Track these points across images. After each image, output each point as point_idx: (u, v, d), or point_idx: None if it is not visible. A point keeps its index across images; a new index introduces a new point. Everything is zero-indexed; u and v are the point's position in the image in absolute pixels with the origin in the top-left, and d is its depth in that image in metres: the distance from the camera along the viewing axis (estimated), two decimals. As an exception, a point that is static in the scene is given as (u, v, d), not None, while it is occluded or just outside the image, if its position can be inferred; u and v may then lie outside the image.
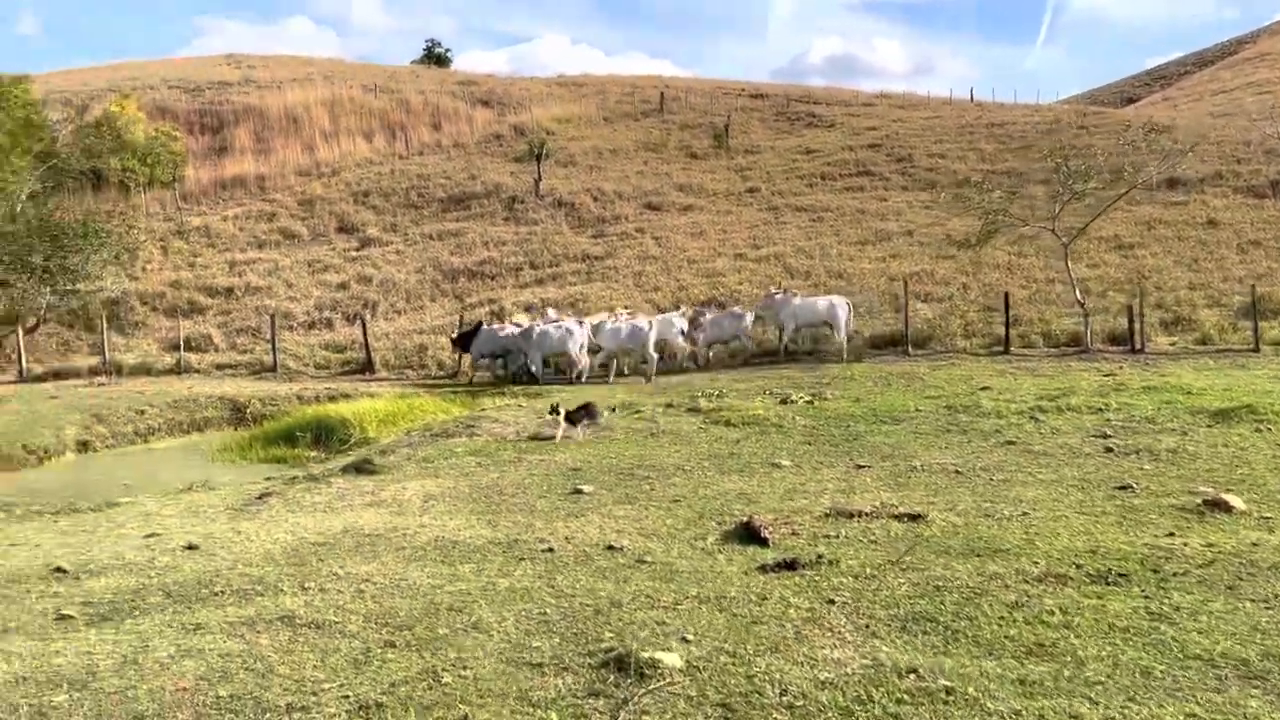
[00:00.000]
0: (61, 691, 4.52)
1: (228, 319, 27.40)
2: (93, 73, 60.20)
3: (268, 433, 14.83)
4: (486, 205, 36.49)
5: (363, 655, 4.85)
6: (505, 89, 59.07)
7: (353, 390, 18.71)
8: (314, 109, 48.20)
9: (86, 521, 8.80)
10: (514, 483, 9.20)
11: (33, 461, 13.86)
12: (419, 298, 28.06)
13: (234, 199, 38.84)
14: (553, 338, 19.08)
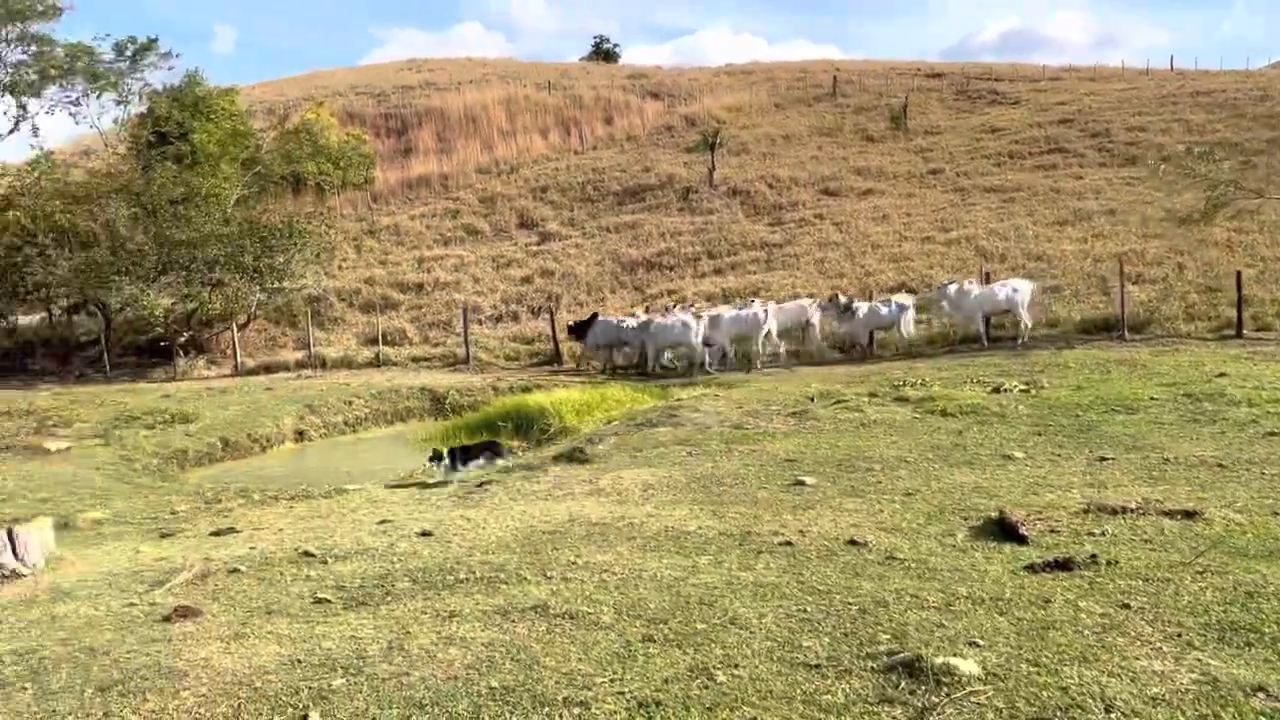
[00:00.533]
0: (337, 675, 4.55)
1: (419, 313, 28.39)
2: (288, 83, 63.92)
3: (469, 422, 15.16)
4: (661, 196, 36.56)
5: (624, 649, 4.69)
6: (674, 80, 59.17)
7: (545, 381, 19.00)
8: (491, 108, 49.57)
9: (320, 507, 9.11)
10: (730, 473, 8.97)
11: (257, 450, 14.63)
12: (599, 290, 28.31)
13: (420, 198, 40.36)
14: (670, 330, 19.27)
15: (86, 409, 16.04)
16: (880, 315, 19.35)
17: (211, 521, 8.81)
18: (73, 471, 11.82)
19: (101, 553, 7.46)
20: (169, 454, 13.20)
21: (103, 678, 4.71)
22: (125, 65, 36.64)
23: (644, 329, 19.71)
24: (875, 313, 19.34)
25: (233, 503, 9.87)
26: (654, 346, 19.55)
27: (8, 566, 6.70)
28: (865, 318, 19.30)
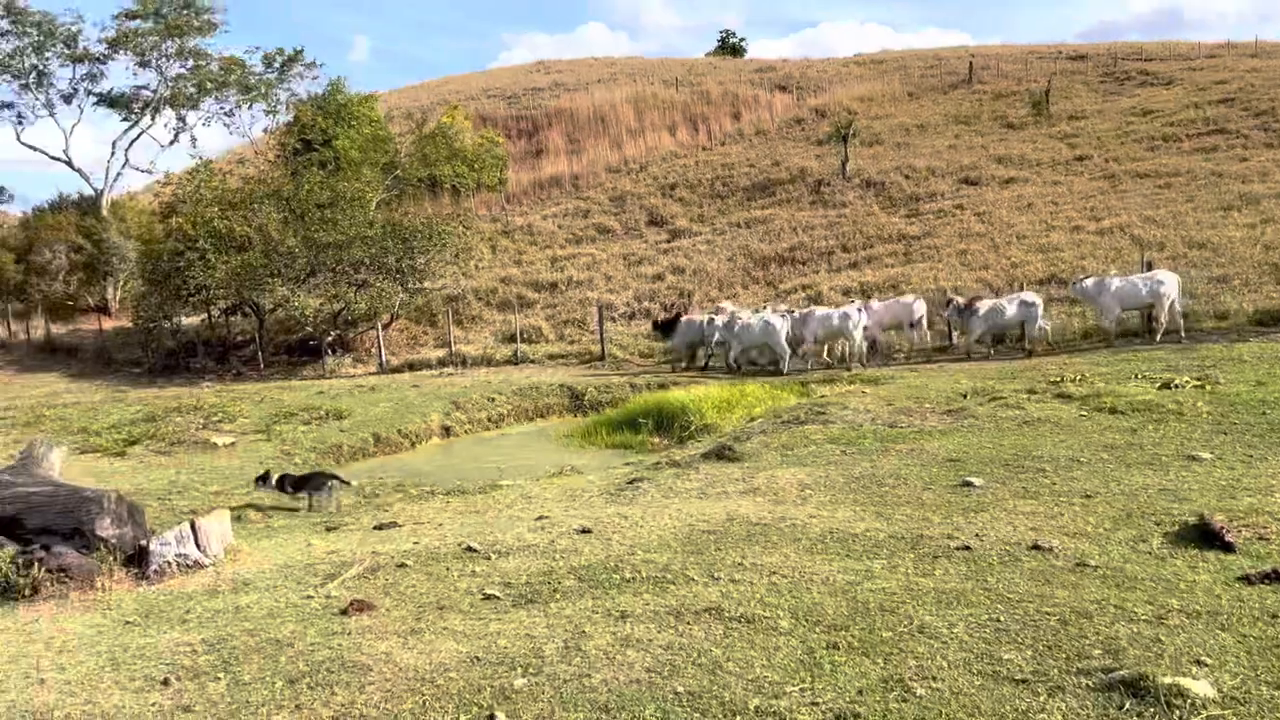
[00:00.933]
0: (517, 675, 4.51)
1: (554, 311, 28.70)
2: (422, 89, 65.80)
3: (610, 419, 15.16)
4: (792, 190, 36.04)
5: (807, 656, 4.51)
6: (802, 72, 58.30)
7: (681, 378, 18.90)
8: (620, 107, 49.81)
9: (476, 503, 9.21)
10: (889, 473, 8.65)
11: (406, 445, 14.98)
12: (731, 285, 28.06)
13: (551, 198, 40.87)
14: (754, 329, 19.08)
15: (247, 405, 16.75)
16: (1003, 315, 18.20)
17: (373, 516, 9.00)
18: (239, 465, 12.33)
19: (274, 545, 7.69)
20: (325, 449, 13.64)
21: (290, 670, 4.80)
22: (274, 76, 38.33)
23: (729, 328, 19.62)
24: (998, 312, 18.20)
25: (391, 497, 10.09)
26: (739, 345, 19.43)
27: (191, 557, 6.97)
28: (985, 316, 18.25)
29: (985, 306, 18.37)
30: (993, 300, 18.76)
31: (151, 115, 35.19)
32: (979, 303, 18.57)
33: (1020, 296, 18.56)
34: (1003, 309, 18.22)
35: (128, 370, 28.20)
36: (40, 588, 6.54)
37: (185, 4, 33.47)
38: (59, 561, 6.68)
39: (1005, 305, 18.29)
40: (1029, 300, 18.23)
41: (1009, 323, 18.40)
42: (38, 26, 32.62)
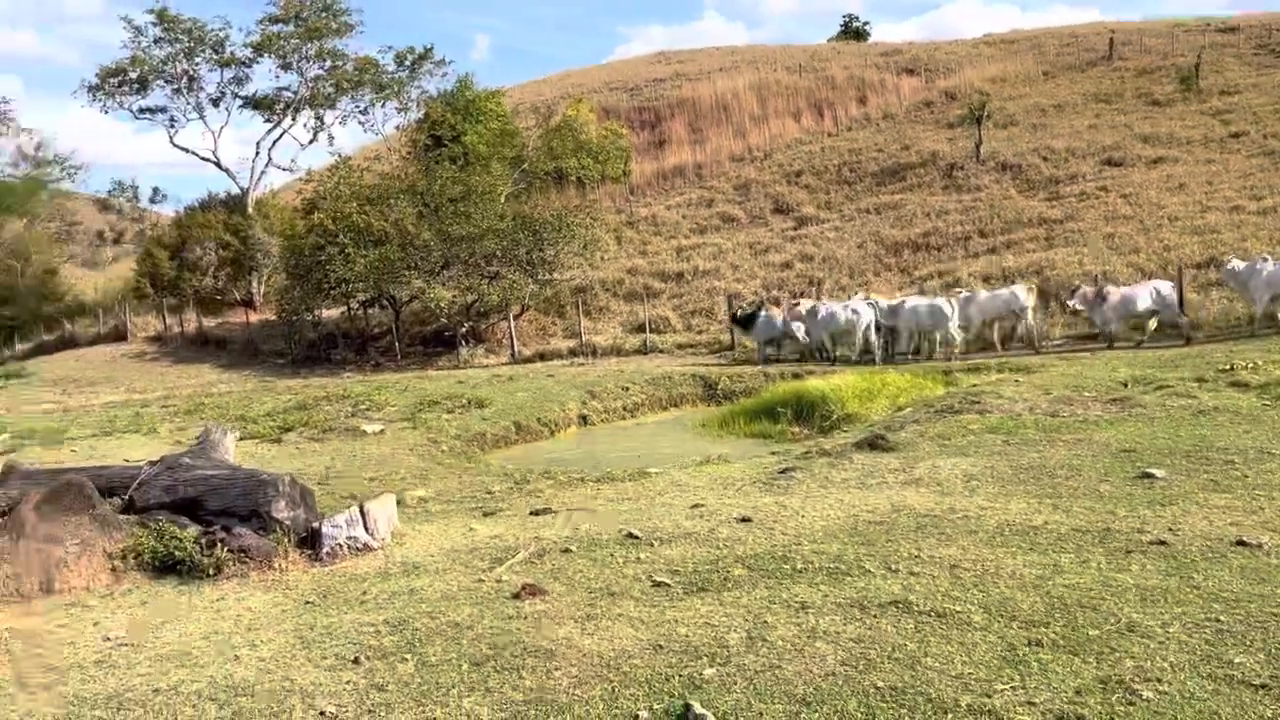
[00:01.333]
0: (704, 664, 4.42)
1: (681, 301, 28.63)
2: (545, 83, 66.52)
3: (747, 408, 14.99)
4: (923, 175, 35.05)
5: (1009, 653, 4.27)
6: (930, 55, 56.65)
7: (814, 367, 18.57)
8: (742, 95, 49.36)
9: (627, 490, 9.18)
10: (1060, 464, 8.24)
11: (546, 433, 15.13)
12: (862, 273, 27.46)
13: (675, 188, 40.81)
14: (839, 319, 18.86)
15: (391, 394, 17.20)
16: (1134, 305, 17.27)
17: (527, 502, 9.07)
18: (389, 452, 12.65)
19: (436, 529, 7.81)
20: (469, 436, 13.88)
21: (473, 652, 4.82)
22: (405, 75, 39.30)
23: (812, 317, 19.53)
24: (1129, 301, 17.27)
25: (540, 484, 10.17)
26: (826, 334, 19.33)
27: (360, 540, 7.13)
28: (1118, 306, 17.35)
29: (1116, 296, 17.47)
30: (1124, 289, 17.81)
31: (292, 116, 36.62)
32: (1109, 291, 17.68)
33: (1154, 285, 17.67)
34: (1134, 298, 17.32)
35: (273, 361, 29.43)
36: (223, 567, 6.79)
37: (324, 7, 34.69)
38: (239, 542, 6.93)
39: (1137, 294, 17.38)
40: (1163, 290, 17.35)
41: (1141, 313, 17.47)
42: (188, 33, 34.30)
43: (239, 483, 7.39)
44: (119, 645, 5.44)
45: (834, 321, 19.05)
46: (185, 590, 6.62)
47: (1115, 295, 17.52)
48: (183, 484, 7.59)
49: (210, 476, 7.53)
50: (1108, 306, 17.45)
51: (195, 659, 5.08)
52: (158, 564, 7.06)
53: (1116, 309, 17.42)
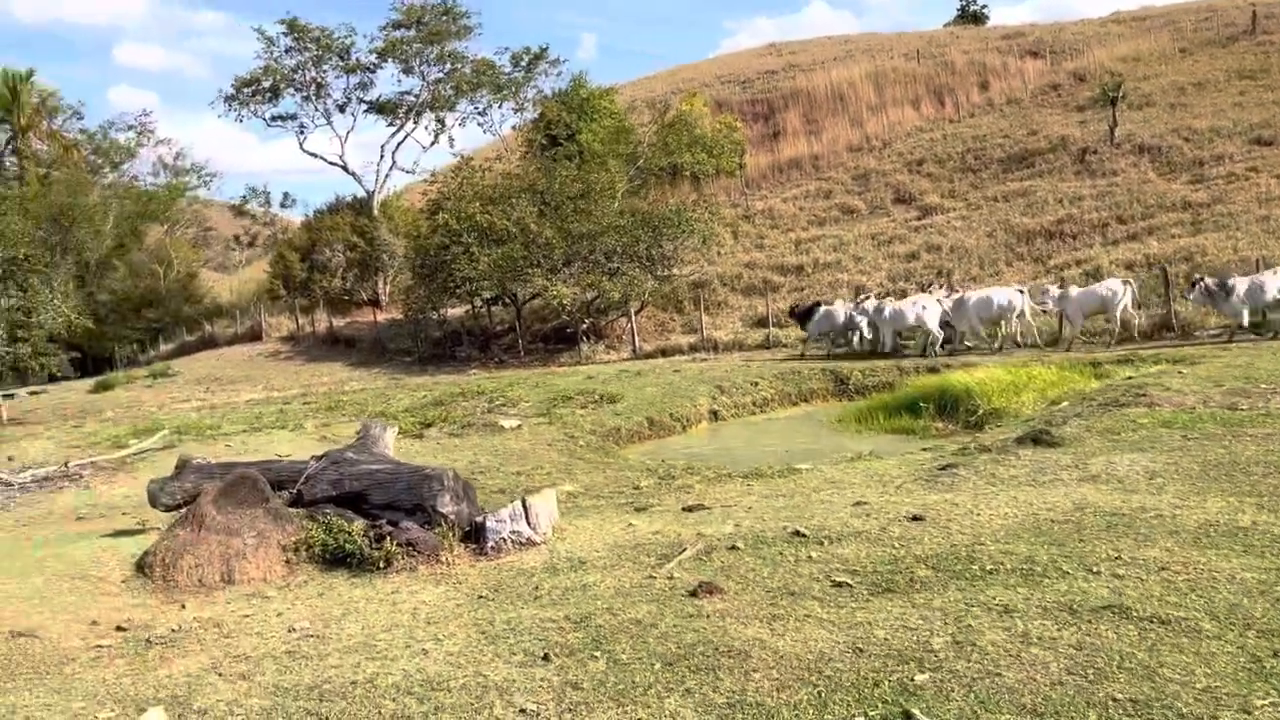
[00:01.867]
0: (913, 669, 4.20)
1: (802, 295, 28.14)
2: (655, 79, 66.51)
3: (885, 403, 14.57)
4: (1053, 160, 33.74)
5: (1255, 664, 3.93)
6: (1054, 36, 54.61)
7: (949, 360, 17.99)
8: (858, 84, 48.40)
9: (778, 486, 8.98)
10: (1253, 460, 7.69)
11: (678, 429, 15.02)
12: (993, 263, 26.57)
13: (790, 180, 40.28)
14: (907, 315, 19.07)
15: (522, 390, 17.36)
16: (1263, 294, 16.12)
17: (676, 497, 8.96)
18: (529, 447, 12.72)
19: (593, 524, 7.75)
20: (604, 431, 13.86)
21: (663, 651, 4.71)
22: (521, 75, 39.77)
23: (879, 312, 19.77)
24: (1257, 290, 16.12)
25: (687, 479, 10.04)
26: (890, 329, 19.48)
27: (524, 534, 7.12)
28: (1245, 297, 16.20)
29: (1243, 285, 16.26)
30: (1250, 278, 16.56)
31: (414, 119, 37.48)
32: (1234, 281, 16.45)
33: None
34: (1262, 286, 16.13)
35: (400, 359, 30.15)
36: (392, 560, 6.86)
37: (445, 10, 35.39)
38: (406, 536, 6.99)
39: (1266, 282, 16.18)
40: None
41: (1271, 302, 16.34)
42: (316, 41, 35.45)
43: (403, 477, 7.47)
44: (305, 636, 5.52)
45: (901, 317, 19.21)
46: (357, 583, 6.71)
47: (1242, 284, 16.37)
48: (348, 478, 7.72)
49: (375, 471, 7.64)
50: (1236, 298, 16.30)
51: (383, 651, 5.10)
52: (328, 556, 7.20)
53: (1246, 298, 16.27)
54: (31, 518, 10.46)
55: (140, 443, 14.32)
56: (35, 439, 16.95)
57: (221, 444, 14.09)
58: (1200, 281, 16.96)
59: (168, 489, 8.32)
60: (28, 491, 11.92)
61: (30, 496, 11.59)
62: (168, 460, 13.33)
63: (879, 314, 19.76)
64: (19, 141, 43.13)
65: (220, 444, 14.13)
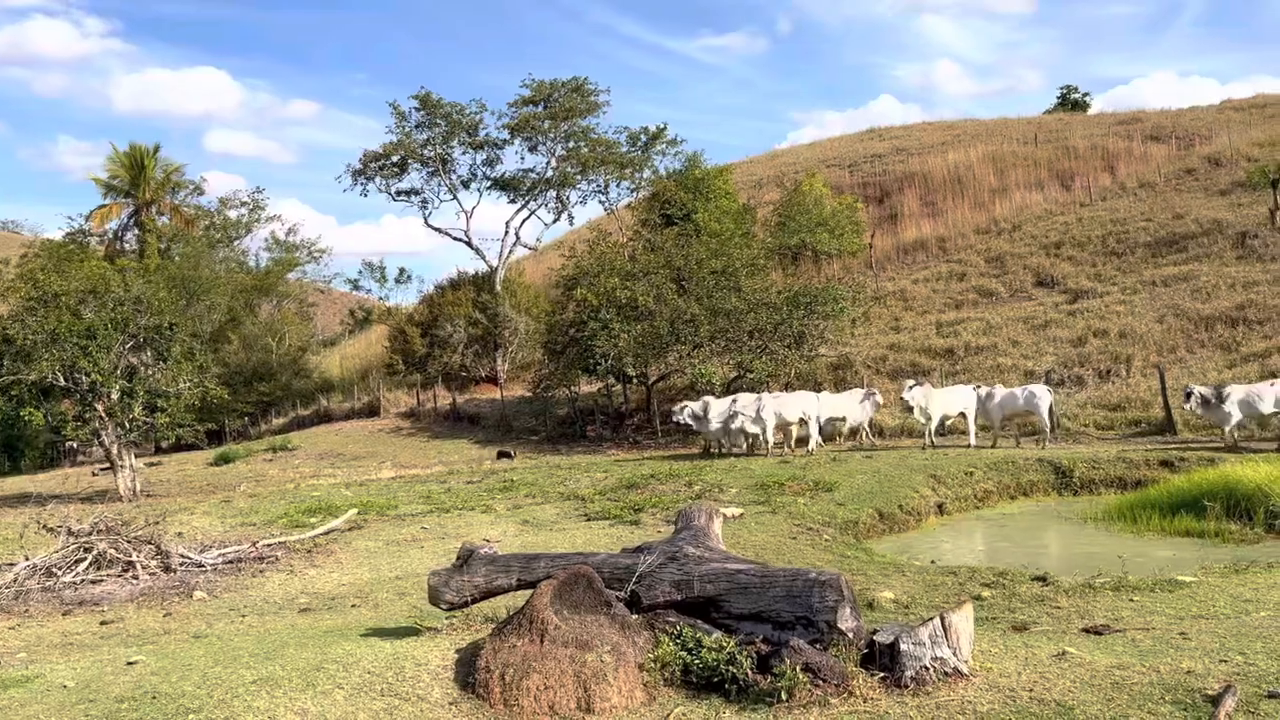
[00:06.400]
0: None
1: (955, 380, 26.51)
2: (755, 164, 66.09)
3: (1156, 500, 12.82)
4: (1208, 245, 32.03)
5: None
6: (1172, 122, 53.35)
7: (1175, 453, 16.23)
8: (976, 167, 47.35)
9: (1171, 602, 7.37)
10: None
11: (911, 523, 13.44)
12: (1174, 349, 24.72)
13: (917, 262, 38.96)
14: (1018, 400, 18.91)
15: (715, 474, 15.94)
16: (1255, 406, 16.30)
17: (1051, 615, 7.39)
18: (771, 540, 11.23)
19: (1000, 650, 6.22)
20: (839, 524, 12.32)
21: None
22: (639, 154, 39.30)
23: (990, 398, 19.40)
24: (1251, 403, 16.31)
25: (1019, 587, 8.45)
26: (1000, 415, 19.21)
27: (948, 662, 5.62)
28: (1240, 408, 16.38)
29: (1238, 394, 16.40)
30: (1247, 387, 16.77)
31: (537, 195, 37.05)
32: (1230, 390, 16.58)
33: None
34: (1257, 398, 16.26)
35: (527, 437, 29.04)
36: (795, 691, 5.41)
37: (575, 88, 35.16)
38: (804, 659, 5.55)
39: (1262, 393, 16.35)
40: None
41: (1266, 414, 16.46)
42: (446, 117, 35.37)
43: (779, 582, 6.04)
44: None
45: (1013, 401, 18.94)
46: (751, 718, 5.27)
47: (1236, 396, 16.40)
48: (697, 580, 6.31)
49: (736, 572, 6.23)
50: (1222, 411, 16.46)
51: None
52: (694, 680, 5.78)
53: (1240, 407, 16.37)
54: (247, 606, 9.25)
55: (323, 522, 13.15)
56: (191, 514, 15.91)
57: (414, 526, 12.85)
58: (1193, 391, 17.03)
59: (454, 584, 7.00)
60: (221, 574, 10.75)
61: (229, 580, 10.41)
62: (363, 542, 12.14)
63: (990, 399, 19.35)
64: (143, 215, 43.75)
65: (412, 525, 12.89)
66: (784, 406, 19.80)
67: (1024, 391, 18.96)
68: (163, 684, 5.90)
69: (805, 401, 20.26)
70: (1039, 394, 18.58)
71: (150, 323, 21.95)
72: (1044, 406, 18.41)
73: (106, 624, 8.56)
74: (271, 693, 5.67)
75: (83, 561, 10.25)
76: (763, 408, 19.38)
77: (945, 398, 19.40)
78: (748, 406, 19.51)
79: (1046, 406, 18.43)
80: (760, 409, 19.35)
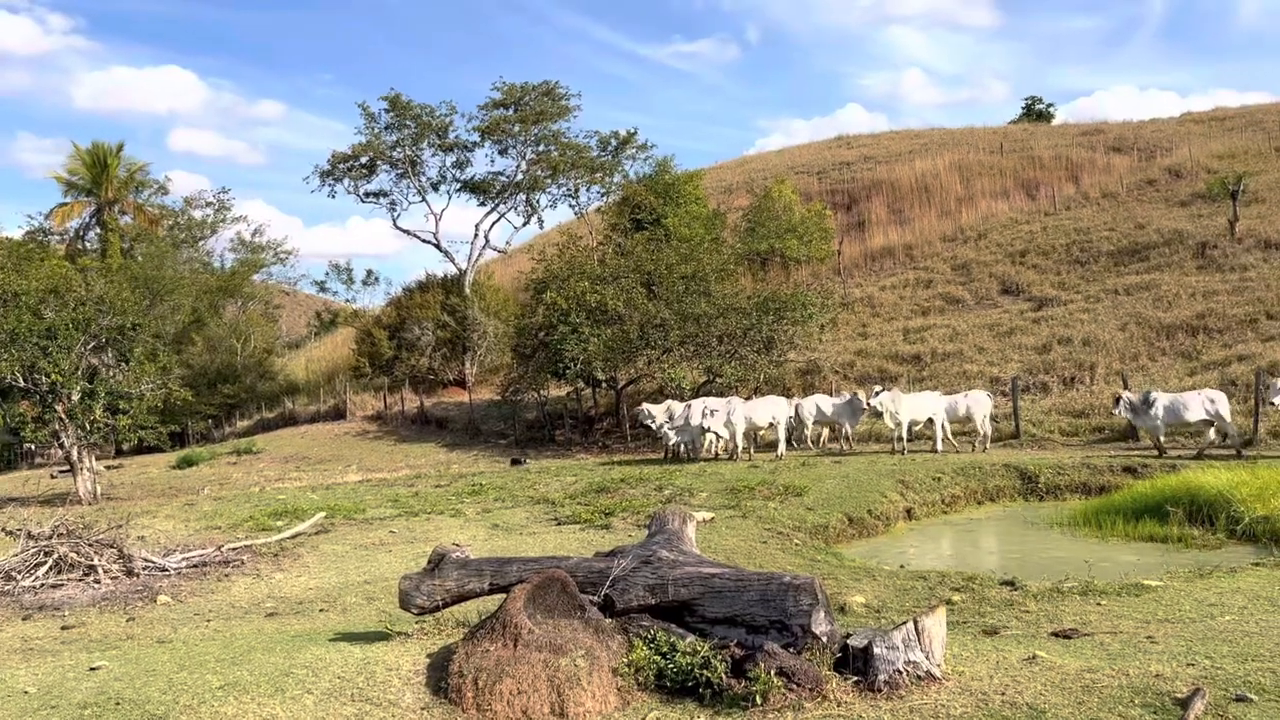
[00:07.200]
0: None
1: (922, 385, 26.73)
2: (724, 169, 66.31)
3: (1120, 504, 12.99)
4: (1168, 254, 32.58)
5: None
6: (1134, 133, 54.17)
7: (1136, 459, 16.48)
8: (943, 175, 47.78)
9: (1137, 606, 7.46)
10: None
11: (880, 528, 13.50)
12: (1135, 357, 25.06)
13: (884, 269, 39.25)
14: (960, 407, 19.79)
15: (685, 479, 15.94)
16: (1180, 414, 16.95)
17: (1016, 617, 7.46)
18: (743, 544, 11.24)
19: (971, 653, 6.26)
20: (809, 529, 12.36)
21: None
22: (609, 158, 39.30)
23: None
24: (1175, 411, 16.99)
25: (989, 592, 8.52)
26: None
27: (920, 665, 5.64)
28: (1164, 415, 17.07)
29: (1165, 401, 17.13)
30: (1173, 395, 17.45)
31: (507, 199, 36.89)
32: (1155, 396, 17.27)
33: (1206, 393, 17.21)
34: (1182, 406, 16.94)
35: (495, 441, 28.89)
36: (769, 695, 5.41)
37: (546, 91, 35.06)
38: (777, 663, 5.55)
39: (1187, 401, 17.00)
40: (1213, 397, 16.96)
41: (1190, 422, 17.18)
42: (416, 119, 35.14)
43: (753, 585, 6.04)
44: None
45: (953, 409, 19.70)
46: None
47: (1161, 403, 17.09)
48: (671, 583, 6.29)
49: (711, 576, 6.22)
50: (1149, 417, 17.14)
51: None
52: (668, 684, 5.77)
53: (1165, 415, 17.05)
54: (212, 610, 9.11)
55: (289, 525, 13.00)
56: (154, 518, 15.64)
57: (383, 530, 12.73)
58: (1122, 397, 17.82)
59: (425, 588, 6.93)
60: (185, 578, 10.58)
61: (194, 584, 10.25)
62: (330, 546, 12.01)
63: None
64: (105, 214, 43.05)
65: (380, 529, 12.77)
66: (754, 411, 19.92)
67: (964, 398, 19.85)
68: (126, 690, 5.79)
69: (775, 406, 20.41)
70: (977, 400, 19.55)
71: (112, 323, 21.60)
72: (980, 413, 19.35)
73: (68, 629, 8.40)
74: (239, 698, 5.58)
75: (43, 565, 10.06)
76: (733, 412, 19.44)
77: (914, 403, 19.58)
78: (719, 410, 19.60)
79: (984, 413, 19.36)
80: (731, 413, 19.42)
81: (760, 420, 20.01)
